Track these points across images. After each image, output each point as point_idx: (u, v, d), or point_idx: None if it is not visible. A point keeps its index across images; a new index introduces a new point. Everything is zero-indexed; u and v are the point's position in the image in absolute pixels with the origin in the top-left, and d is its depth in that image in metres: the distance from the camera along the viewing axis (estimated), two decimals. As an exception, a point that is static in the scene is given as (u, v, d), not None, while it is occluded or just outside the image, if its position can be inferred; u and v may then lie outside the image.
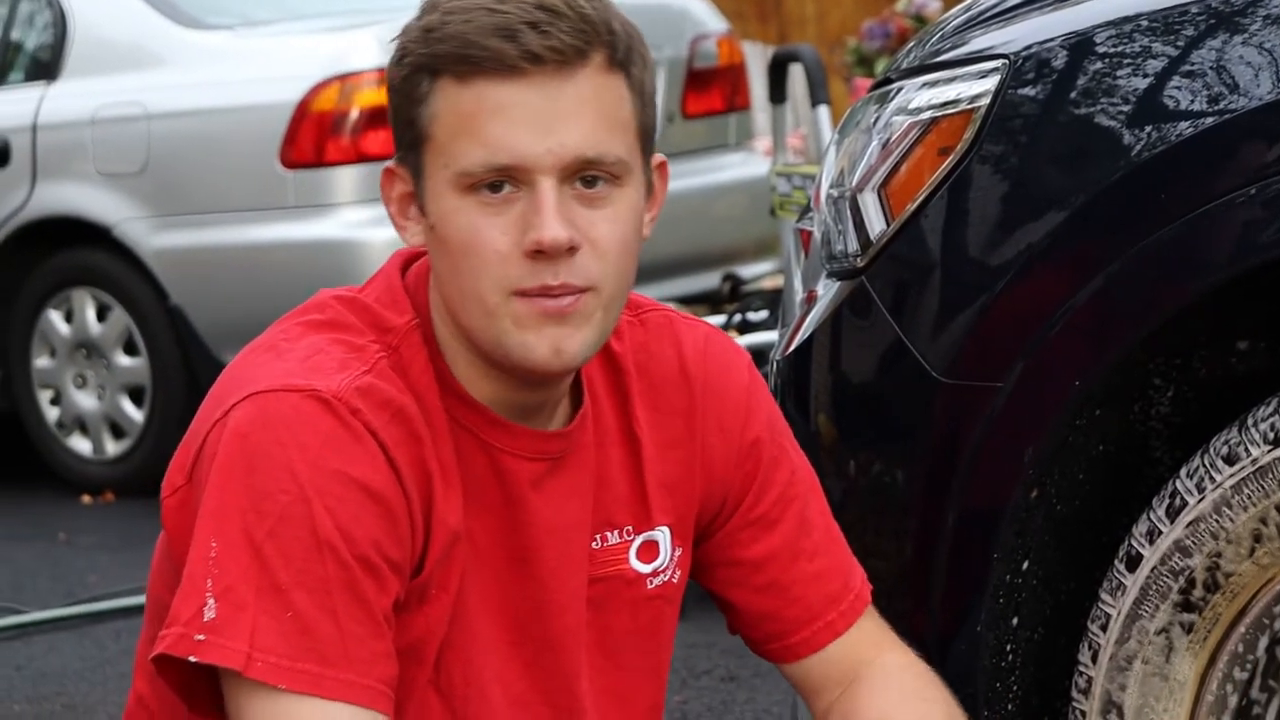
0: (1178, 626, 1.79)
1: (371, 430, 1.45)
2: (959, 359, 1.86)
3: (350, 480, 1.43)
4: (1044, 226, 1.82)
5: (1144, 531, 1.80)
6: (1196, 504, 1.76)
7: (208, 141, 4.92)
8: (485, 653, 1.53)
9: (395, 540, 1.46)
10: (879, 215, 1.94)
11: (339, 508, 1.43)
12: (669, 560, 1.62)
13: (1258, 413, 1.74)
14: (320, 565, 1.42)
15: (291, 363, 1.48)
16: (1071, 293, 1.79)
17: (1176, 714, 1.81)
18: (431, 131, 1.47)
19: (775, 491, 1.64)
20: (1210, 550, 1.76)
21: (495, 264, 1.46)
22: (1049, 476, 1.83)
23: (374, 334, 1.51)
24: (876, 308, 1.93)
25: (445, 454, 1.50)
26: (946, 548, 1.87)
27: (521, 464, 1.53)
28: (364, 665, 1.43)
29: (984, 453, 1.84)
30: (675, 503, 1.62)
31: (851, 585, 1.67)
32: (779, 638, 1.65)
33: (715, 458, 1.63)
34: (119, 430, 5.11)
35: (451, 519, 1.49)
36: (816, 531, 1.66)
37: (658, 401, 1.61)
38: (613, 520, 1.59)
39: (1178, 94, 1.77)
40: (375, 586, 1.44)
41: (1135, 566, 1.80)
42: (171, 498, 1.51)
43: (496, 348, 1.49)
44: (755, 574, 1.64)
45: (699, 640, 3.44)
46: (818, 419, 2.03)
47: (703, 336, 1.65)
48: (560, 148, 1.45)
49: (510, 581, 1.54)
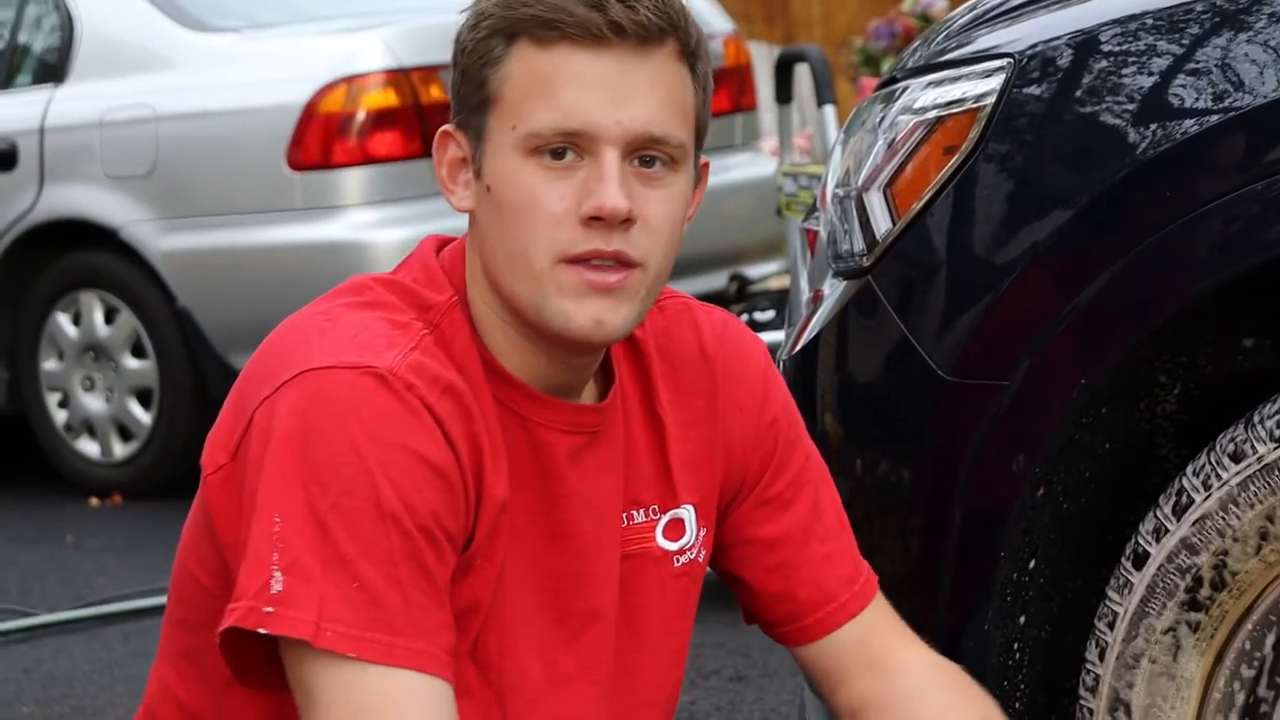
0: (1185, 624, 1.79)
1: (427, 405, 1.47)
2: (965, 358, 1.86)
3: (411, 452, 1.45)
4: (1049, 225, 1.82)
5: (1151, 529, 1.80)
6: (1203, 502, 1.76)
7: (215, 144, 4.92)
8: (523, 625, 1.55)
9: (452, 512, 1.48)
10: (885, 214, 1.94)
11: (401, 479, 1.45)
12: (694, 539, 1.64)
13: (1264, 410, 1.74)
14: (385, 536, 1.44)
15: (341, 339, 1.50)
16: (1077, 291, 1.79)
17: (1184, 712, 1.81)
18: (503, 93, 1.50)
19: (790, 473, 1.67)
20: (1217, 548, 1.76)
21: (549, 226, 1.48)
22: (1055, 475, 1.83)
23: (415, 312, 1.53)
24: (882, 307, 1.93)
25: (492, 428, 1.52)
26: (953, 546, 1.87)
27: (559, 437, 1.55)
28: (430, 634, 1.44)
29: (990, 451, 1.84)
30: (699, 481, 1.64)
31: (862, 570, 1.69)
32: (793, 619, 1.67)
33: (735, 438, 1.66)
34: (127, 433, 5.12)
35: (499, 492, 1.52)
36: (829, 516, 1.68)
37: (679, 383, 1.64)
38: (639, 499, 1.61)
39: (1183, 92, 1.77)
40: (436, 557, 1.46)
41: (1142, 564, 1.80)
42: (215, 474, 1.52)
43: (536, 314, 1.51)
44: (768, 553, 1.66)
45: (707, 640, 3.44)
46: (824, 418, 2.04)
47: (720, 321, 1.69)
48: (631, 120, 1.49)
49: (549, 556, 1.56)
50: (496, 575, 1.53)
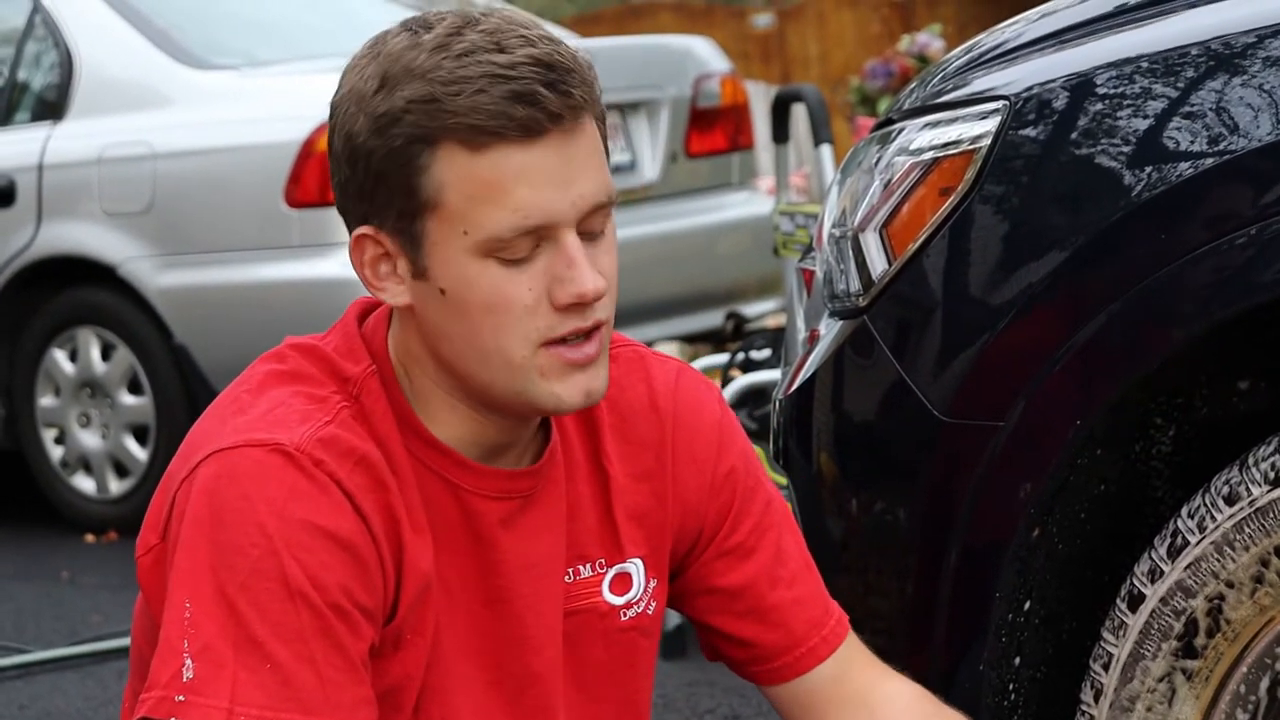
0: (1179, 667, 1.79)
1: (336, 479, 1.46)
2: (960, 398, 1.86)
3: (317, 529, 1.44)
4: (1045, 266, 1.82)
5: (1145, 571, 1.80)
6: (1197, 544, 1.77)
7: (213, 181, 4.93)
8: (464, 693, 1.54)
9: (366, 586, 1.46)
10: (881, 255, 1.95)
11: (307, 557, 1.43)
12: (643, 592, 1.63)
13: (1258, 452, 1.75)
14: (295, 615, 1.43)
15: (254, 417, 1.49)
16: (1072, 332, 1.80)
17: (1179, 753, 1.81)
18: (442, 199, 1.46)
19: (751, 521, 1.66)
20: (1211, 590, 1.76)
21: (523, 319, 1.47)
22: (1050, 515, 1.83)
23: (335, 384, 1.52)
24: (878, 347, 1.94)
25: (412, 499, 1.51)
26: (948, 587, 1.87)
27: (489, 504, 1.54)
28: (345, 711, 1.43)
29: (985, 492, 1.85)
30: (647, 534, 1.63)
31: (831, 612, 1.68)
32: (762, 661, 1.66)
33: (688, 489, 1.64)
34: (123, 469, 5.11)
35: (423, 563, 1.50)
36: (793, 560, 1.67)
37: (627, 434, 1.63)
38: (585, 554, 1.60)
39: (1178, 135, 1.78)
40: (349, 633, 1.45)
41: (1137, 606, 1.80)
42: (146, 556, 1.52)
43: (519, 398, 1.50)
44: (734, 601, 1.65)
45: (701, 678, 3.43)
46: (819, 458, 2.04)
47: (673, 371, 1.67)
48: (581, 199, 1.47)
49: (486, 621, 1.55)
50: (428, 647, 1.51)
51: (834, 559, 1.94)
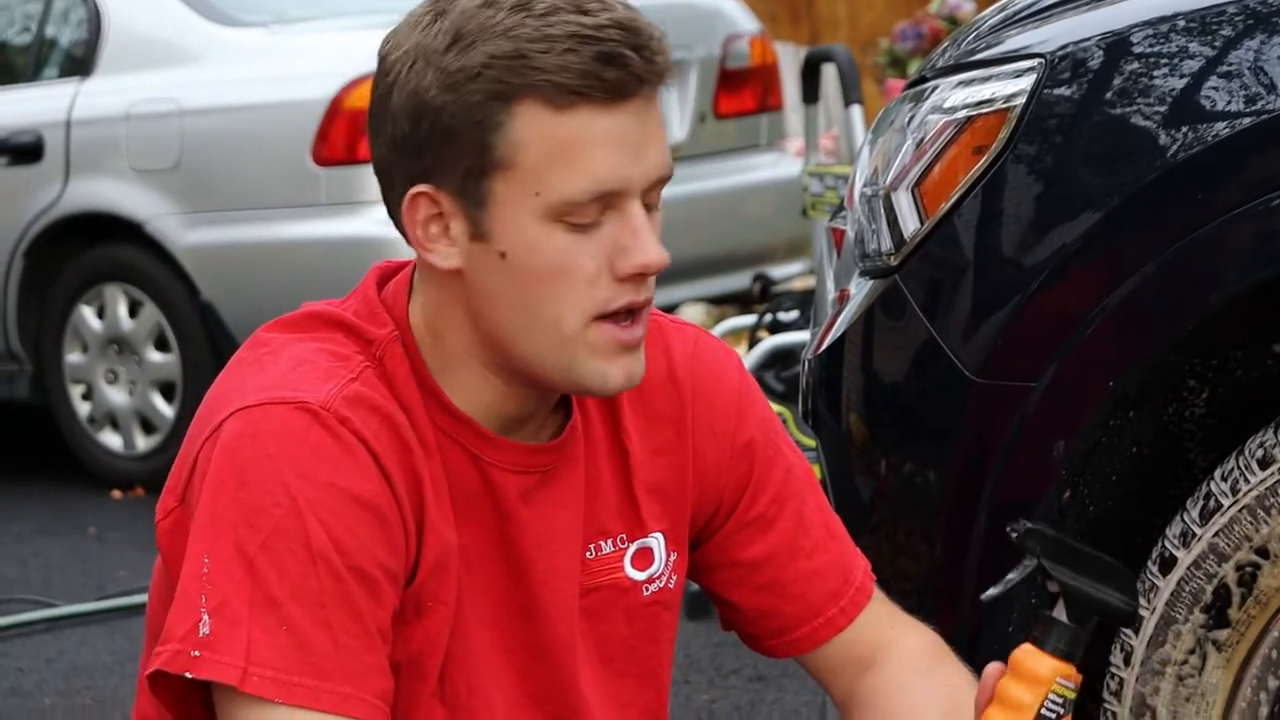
0: (1210, 631, 1.78)
1: (361, 439, 1.44)
2: (992, 359, 1.85)
3: (342, 492, 1.43)
4: (1079, 226, 1.81)
5: (1177, 534, 1.79)
6: (1230, 507, 1.75)
7: (241, 138, 4.93)
8: (486, 662, 1.53)
9: (390, 549, 1.45)
10: (913, 214, 1.93)
11: (332, 520, 1.42)
12: (664, 566, 1.62)
13: (1292, 415, 1.74)
14: (314, 578, 1.42)
15: (277, 375, 1.47)
16: (1106, 293, 1.78)
17: (1208, 716, 1.80)
18: (516, 159, 1.44)
19: (771, 491, 1.64)
20: (1244, 554, 1.75)
21: (583, 287, 1.45)
22: (1082, 477, 1.82)
23: (358, 345, 1.50)
24: (909, 307, 1.93)
25: (434, 463, 1.49)
26: (978, 548, 1.86)
27: (509, 477, 1.52)
28: (359, 678, 1.42)
29: (1016, 453, 1.84)
30: (668, 509, 1.61)
31: (852, 579, 1.66)
32: (780, 634, 1.65)
33: (708, 462, 1.63)
34: (149, 426, 5.12)
35: (444, 529, 1.49)
36: (814, 529, 1.66)
37: (647, 408, 1.61)
38: (605, 529, 1.59)
39: (1214, 94, 1.76)
40: (370, 599, 1.44)
41: (1169, 569, 1.79)
42: (165, 520, 1.50)
43: (564, 375, 1.48)
44: (754, 574, 1.64)
45: (727, 639, 3.43)
46: (849, 418, 2.03)
47: (691, 340, 1.65)
48: (652, 168, 1.46)
49: (505, 592, 1.54)
50: (451, 615, 1.50)
51: (862, 520, 1.93)
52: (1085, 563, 1.41)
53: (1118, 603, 1.42)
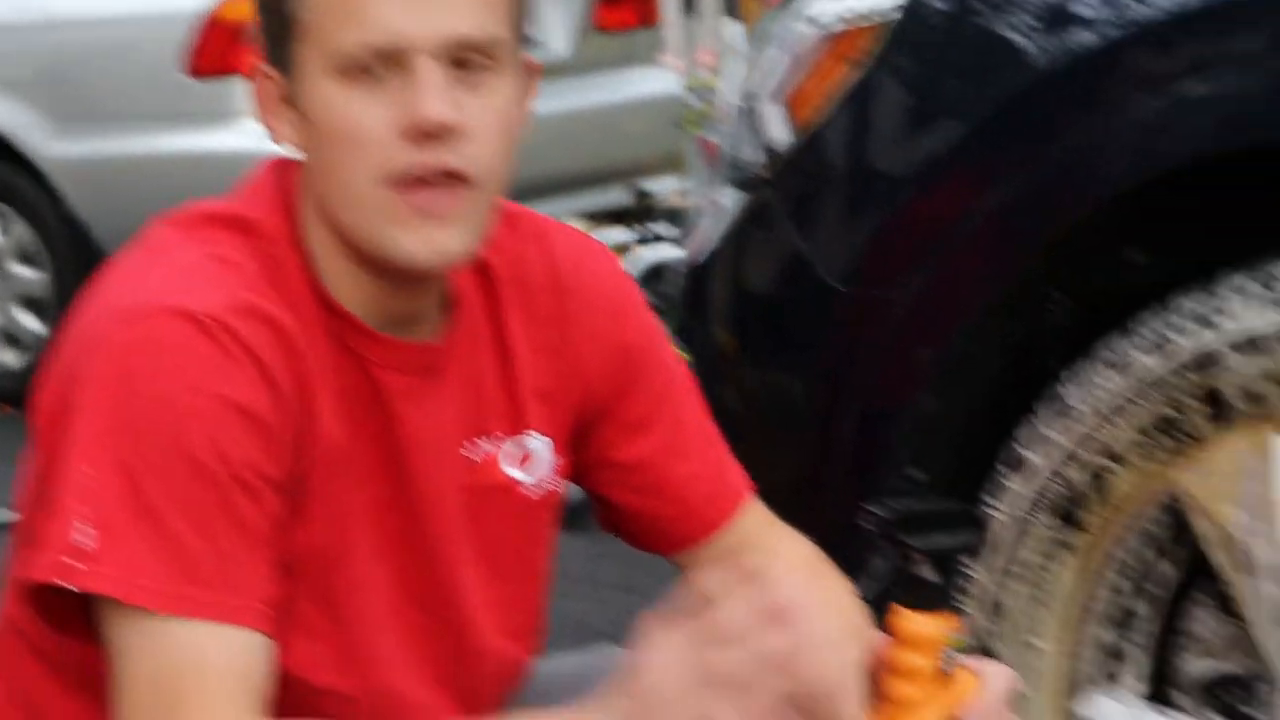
0: (1061, 534, 1.82)
1: (248, 349, 1.42)
2: (860, 269, 1.87)
3: (226, 401, 1.41)
4: (947, 138, 1.83)
5: (1032, 439, 1.83)
6: (1083, 412, 1.79)
7: (111, 49, 4.84)
8: (365, 562, 1.53)
9: (274, 459, 1.44)
10: (783, 126, 1.94)
11: (216, 430, 1.41)
12: (545, 467, 1.62)
13: (1143, 321, 1.77)
14: (197, 488, 1.40)
15: (165, 280, 1.44)
16: (972, 204, 1.81)
17: (1061, 617, 1.85)
18: (301, 16, 1.43)
19: (650, 395, 1.65)
20: (1095, 459, 1.79)
21: (370, 148, 1.42)
22: (945, 385, 1.85)
23: (247, 246, 1.48)
24: (779, 218, 1.94)
25: (323, 367, 1.48)
26: (843, 456, 1.88)
27: (394, 375, 1.52)
28: (244, 587, 1.41)
29: (882, 363, 1.86)
30: (551, 410, 1.62)
31: (729, 484, 1.68)
32: (658, 534, 1.67)
33: (589, 364, 1.63)
34: (17, 343, 5.04)
35: (332, 433, 1.48)
36: (692, 433, 1.67)
37: (531, 310, 1.61)
38: (488, 430, 1.59)
39: (1081, 6, 1.78)
40: (254, 508, 1.43)
41: (1023, 473, 1.83)
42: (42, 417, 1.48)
43: (369, 243, 1.46)
44: (632, 475, 1.65)
45: (602, 551, 3.45)
46: (720, 330, 2.04)
47: (575, 244, 1.64)
48: (443, 24, 1.42)
49: (387, 492, 1.54)
50: (334, 518, 1.50)
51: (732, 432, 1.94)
52: (937, 519, 1.45)
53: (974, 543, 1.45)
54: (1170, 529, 1.81)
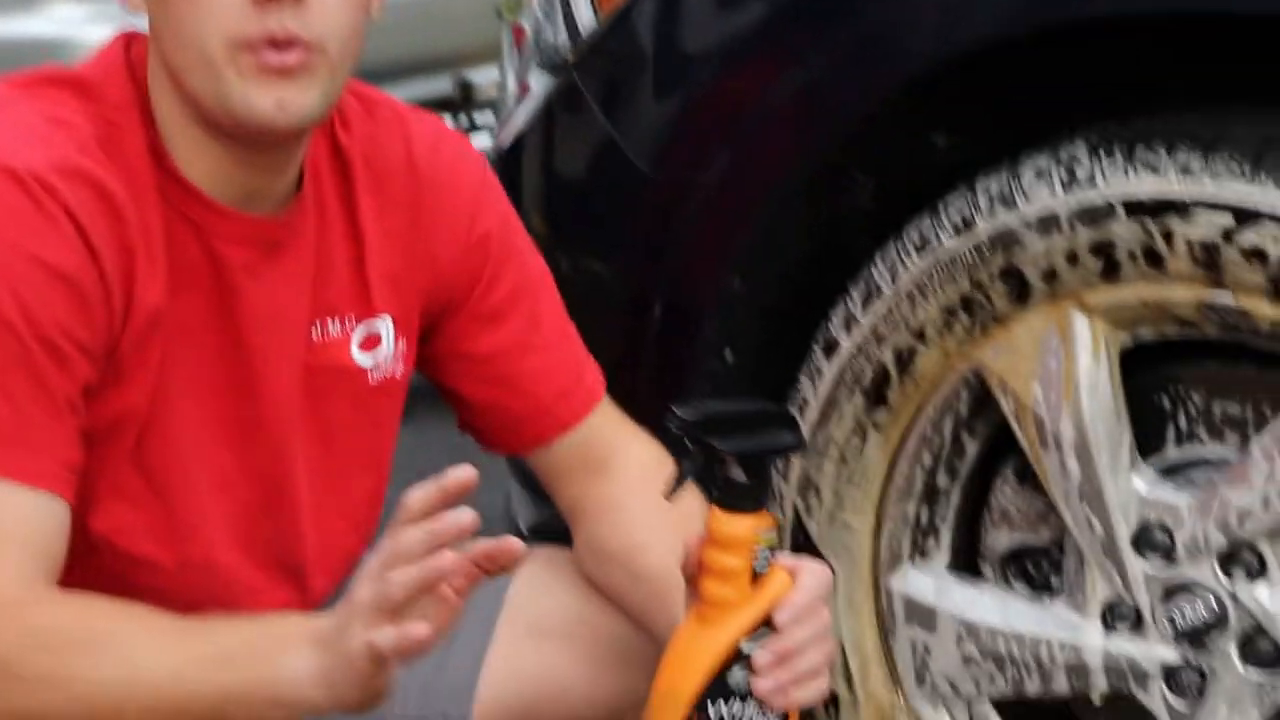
0: (869, 412, 1.85)
1: (68, 210, 1.41)
2: (665, 152, 1.87)
3: (38, 261, 1.40)
4: (750, 17, 1.82)
5: (841, 319, 1.85)
6: (888, 292, 1.81)
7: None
8: (191, 433, 1.52)
9: (86, 324, 1.43)
10: (588, 8, 1.93)
11: (23, 289, 1.39)
12: (391, 352, 1.62)
13: (948, 201, 1.79)
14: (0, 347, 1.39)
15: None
16: (775, 84, 1.81)
17: (869, 494, 1.88)
18: None
19: (504, 288, 1.65)
20: (900, 337, 1.82)
21: (220, 13, 1.42)
22: (752, 267, 1.86)
23: (86, 110, 1.47)
24: (585, 102, 1.93)
25: (153, 236, 1.47)
26: (653, 340, 1.89)
27: (234, 249, 1.51)
28: (42, 447, 1.41)
29: (689, 246, 1.87)
30: (398, 295, 1.61)
31: (583, 382, 1.69)
32: (507, 429, 1.67)
33: (441, 252, 1.63)
34: None
35: (152, 301, 1.47)
36: (547, 328, 1.67)
37: (383, 194, 1.60)
38: (334, 310, 1.58)
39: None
40: (60, 371, 1.42)
41: (832, 354, 1.85)
42: None
43: (218, 104, 1.45)
44: (482, 367, 1.65)
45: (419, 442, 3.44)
46: (530, 218, 2.03)
47: (432, 132, 1.64)
48: None
49: (221, 365, 1.53)
50: (153, 383, 1.49)
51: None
52: (744, 420, 1.44)
53: (785, 443, 1.45)
54: (974, 406, 1.85)
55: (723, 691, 1.42)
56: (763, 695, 1.43)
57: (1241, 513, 1.70)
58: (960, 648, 1.85)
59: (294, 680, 1.35)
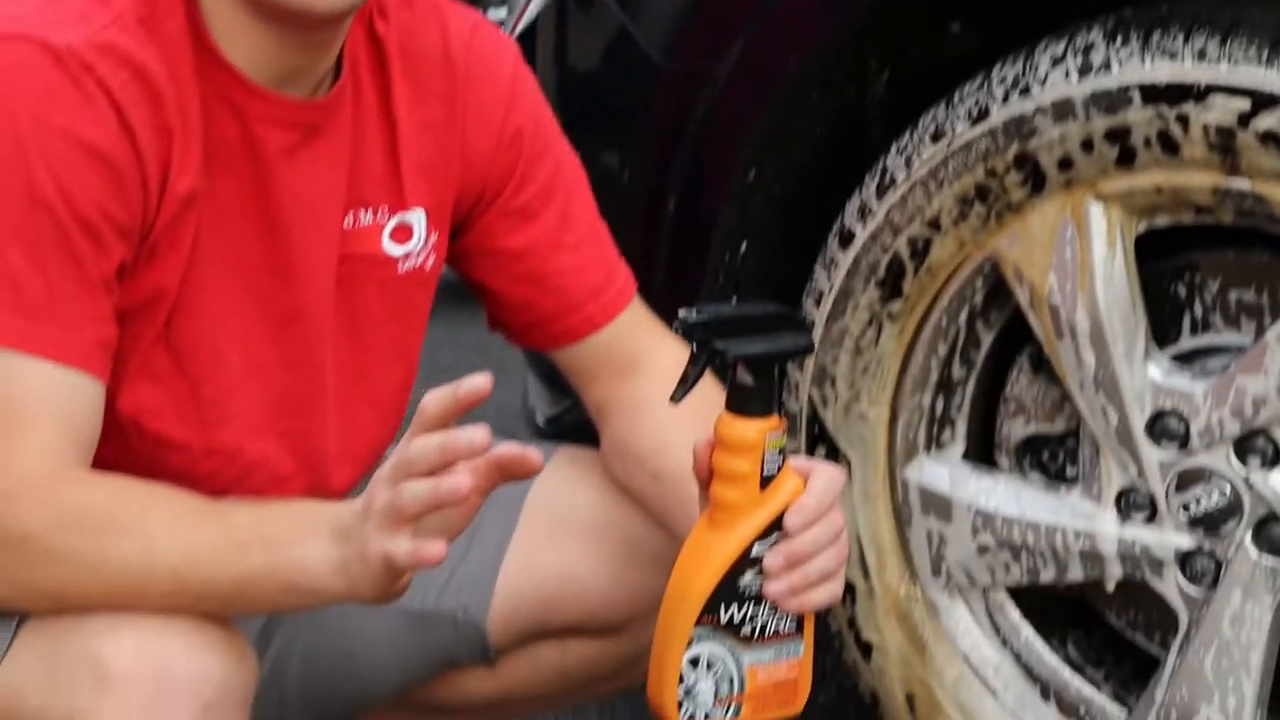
0: (885, 304, 1.85)
1: (105, 88, 1.41)
2: (679, 42, 1.86)
3: (75, 139, 1.40)
4: (764, -96, 1.81)
5: (856, 209, 1.84)
6: (904, 181, 1.81)
7: None
8: (224, 315, 1.53)
9: (122, 204, 1.43)
10: (601, -105, 1.91)
11: (60, 167, 1.39)
12: (423, 244, 1.62)
13: (963, 90, 1.78)
14: (35, 222, 1.39)
15: (25, 9, 1.42)
16: (789, -28, 1.79)
17: (885, 384, 1.88)
18: None
19: (537, 184, 1.65)
20: (916, 227, 1.81)
21: None
22: (767, 158, 1.85)
23: None
24: (599, -9, 1.92)
25: (190, 117, 1.47)
26: (668, 231, 1.89)
27: (272, 131, 1.51)
28: (75, 325, 1.41)
29: (703, 137, 1.86)
30: (431, 186, 1.61)
31: (614, 281, 1.69)
32: (538, 326, 1.68)
33: (474, 146, 1.63)
34: None
35: (187, 181, 1.47)
36: (579, 226, 1.67)
37: (418, 84, 1.60)
38: (367, 200, 1.59)
39: None
40: (95, 249, 1.42)
41: (847, 244, 1.85)
42: None
43: None
44: (514, 263, 1.66)
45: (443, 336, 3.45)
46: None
47: (469, 24, 1.64)
48: None
49: (257, 249, 1.53)
50: (184, 263, 1.49)
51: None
52: (754, 323, 1.42)
53: (794, 345, 1.43)
54: (989, 296, 1.85)
55: (734, 594, 1.42)
56: (774, 598, 1.42)
57: (1256, 399, 1.71)
58: (976, 537, 1.86)
59: (312, 569, 1.37)
